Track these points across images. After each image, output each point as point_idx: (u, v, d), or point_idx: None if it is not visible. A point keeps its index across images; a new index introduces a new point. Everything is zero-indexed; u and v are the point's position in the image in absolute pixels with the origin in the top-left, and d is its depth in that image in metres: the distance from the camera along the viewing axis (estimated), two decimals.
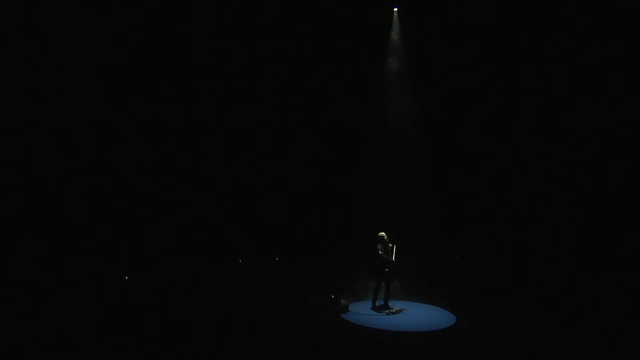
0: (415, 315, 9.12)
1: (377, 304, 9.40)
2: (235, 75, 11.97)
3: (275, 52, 11.98)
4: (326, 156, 12.64)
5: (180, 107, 11.84)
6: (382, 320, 8.70)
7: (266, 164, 12.53)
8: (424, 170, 12.30)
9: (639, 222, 10.67)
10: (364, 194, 12.25)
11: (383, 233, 9.45)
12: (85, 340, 7.05)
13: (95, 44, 10.35)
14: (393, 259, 9.26)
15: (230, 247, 12.21)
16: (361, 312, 9.15)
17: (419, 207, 12.28)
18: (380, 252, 9.18)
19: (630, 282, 10.02)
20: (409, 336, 7.88)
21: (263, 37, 11.80)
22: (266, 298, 9.53)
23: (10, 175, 9.62)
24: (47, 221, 9.99)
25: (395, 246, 9.37)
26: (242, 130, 12.35)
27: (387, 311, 9.15)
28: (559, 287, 10.50)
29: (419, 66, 12.09)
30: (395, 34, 12.02)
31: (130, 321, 8.01)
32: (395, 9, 11.99)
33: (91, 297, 9.18)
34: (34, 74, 9.74)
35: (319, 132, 12.60)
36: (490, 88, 12.09)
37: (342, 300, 9.09)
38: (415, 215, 12.12)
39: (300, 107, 12.39)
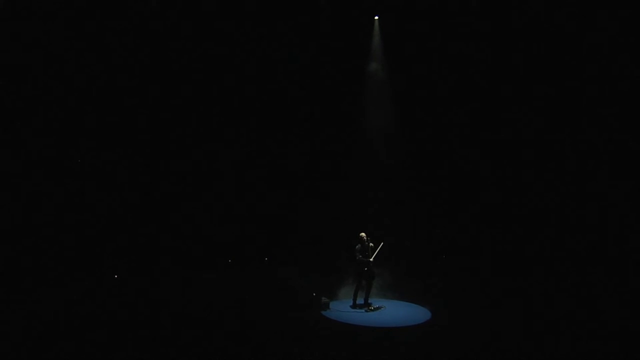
0: (393, 312, 9.50)
1: (357, 302, 9.79)
2: (214, 79, 12.30)
3: (257, 57, 12.34)
4: (309, 158, 13.01)
5: (171, 109, 12.24)
6: (360, 317, 9.08)
7: (253, 166, 12.91)
8: (405, 173, 12.71)
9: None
10: (348, 194, 12.65)
11: (363, 234, 9.82)
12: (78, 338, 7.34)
13: None
14: (371, 258, 9.63)
15: (218, 248, 12.55)
16: (341, 309, 9.54)
17: (403, 209, 12.71)
18: (356, 252, 9.58)
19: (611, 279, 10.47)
20: (384, 332, 8.28)
21: (243, 41, 12.17)
22: (251, 296, 9.89)
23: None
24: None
25: (373, 245, 9.73)
26: (226, 134, 12.71)
27: (366, 308, 9.54)
28: (541, 286, 10.83)
29: (399, 73, 12.51)
30: (376, 42, 12.43)
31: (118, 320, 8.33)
32: (376, 18, 12.38)
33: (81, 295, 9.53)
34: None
35: (305, 135, 12.97)
36: (473, 94, 12.53)
37: (323, 298, 9.48)
38: (401, 217, 12.55)
39: (283, 111, 12.76)
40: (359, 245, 9.67)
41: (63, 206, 10.92)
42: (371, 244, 9.71)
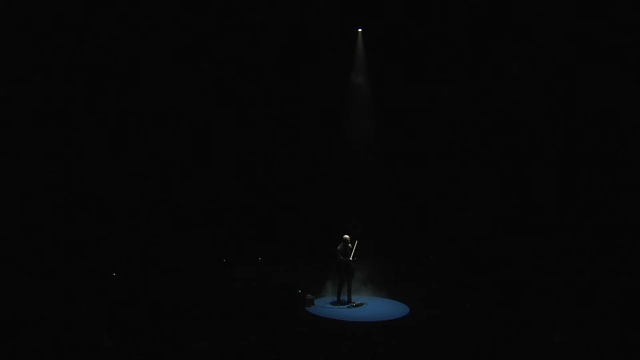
0: (374, 308, 10.11)
1: (341, 298, 10.39)
2: (206, 82, 12.82)
3: (244, 65, 12.92)
4: (298, 164, 13.61)
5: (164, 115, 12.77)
6: (342, 313, 9.70)
7: (244, 172, 13.52)
8: (389, 178, 13.33)
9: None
10: (334, 199, 13.29)
11: (347, 236, 10.40)
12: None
13: None
14: (351, 257, 10.22)
15: (212, 249, 13.14)
16: (325, 305, 10.16)
17: (390, 211, 13.33)
18: (338, 253, 10.18)
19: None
20: (365, 326, 8.90)
21: (234, 49, 12.73)
22: (240, 293, 10.50)
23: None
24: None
25: (351, 246, 10.29)
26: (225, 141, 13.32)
27: (349, 305, 10.15)
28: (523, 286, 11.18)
29: (381, 84, 13.14)
30: (359, 53, 13.05)
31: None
32: (360, 30, 12.98)
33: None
34: None
35: (295, 143, 13.59)
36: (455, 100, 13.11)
37: (308, 295, 10.07)
38: (387, 219, 13.15)
39: (270, 120, 13.37)
40: (341, 246, 10.27)
41: (61, 205, 11.43)
42: (349, 244, 10.30)
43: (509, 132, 12.57)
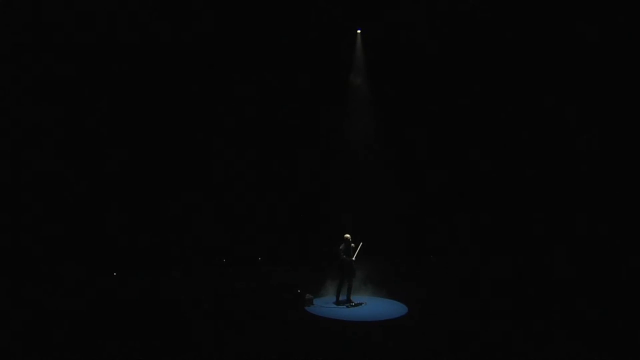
0: (373, 308, 10.13)
1: (340, 298, 10.42)
2: (205, 85, 12.93)
3: (244, 65, 12.97)
4: (298, 164, 13.64)
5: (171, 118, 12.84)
6: (340, 312, 9.72)
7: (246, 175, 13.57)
8: (388, 179, 13.36)
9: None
10: (334, 200, 13.32)
11: (348, 235, 10.43)
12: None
13: None
14: (354, 258, 10.25)
15: (214, 249, 13.18)
16: (324, 305, 10.19)
17: (390, 212, 13.36)
18: (340, 252, 10.20)
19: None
20: (364, 326, 8.93)
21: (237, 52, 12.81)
22: (240, 293, 10.56)
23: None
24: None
25: (354, 246, 10.34)
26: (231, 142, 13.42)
27: (348, 304, 10.18)
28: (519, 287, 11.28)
29: (380, 84, 13.16)
30: (358, 54, 13.08)
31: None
32: (359, 31, 13.01)
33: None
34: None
35: (296, 146, 13.64)
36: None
37: (307, 295, 10.11)
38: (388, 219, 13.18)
39: (270, 121, 13.42)
40: (343, 245, 10.28)
41: (60, 205, 11.50)
42: (352, 244, 10.33)
43: (508, 131, 12.61)
